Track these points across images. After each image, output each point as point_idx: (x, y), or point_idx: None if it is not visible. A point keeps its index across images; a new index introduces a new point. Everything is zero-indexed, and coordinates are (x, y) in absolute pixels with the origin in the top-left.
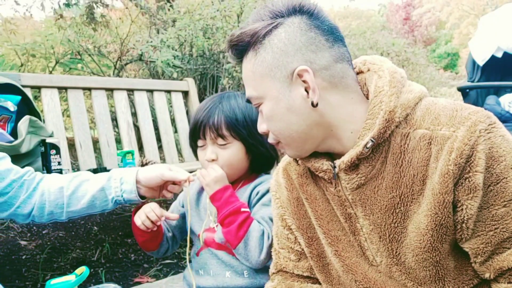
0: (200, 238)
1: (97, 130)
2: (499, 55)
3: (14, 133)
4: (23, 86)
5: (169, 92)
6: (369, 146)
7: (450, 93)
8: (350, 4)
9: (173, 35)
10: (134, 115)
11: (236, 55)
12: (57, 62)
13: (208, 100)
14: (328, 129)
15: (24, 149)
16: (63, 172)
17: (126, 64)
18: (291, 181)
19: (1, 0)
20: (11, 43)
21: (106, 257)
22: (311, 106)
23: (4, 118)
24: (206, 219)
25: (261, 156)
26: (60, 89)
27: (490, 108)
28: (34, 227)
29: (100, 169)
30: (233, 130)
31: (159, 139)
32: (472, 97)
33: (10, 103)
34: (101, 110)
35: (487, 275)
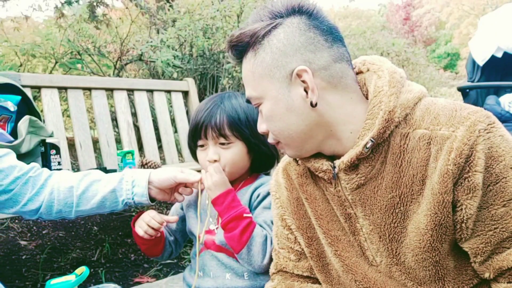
0: (199, 240)
1: (97, 130)
2: (499, 55)
3: (14, 133)
4: (23, 86)
5: (169, 92)
6: (368, 146)
7: (450, 93)
8: (350, 4)
9: (173, 35)
10: (134, 115)
11: (236, 55)
12: (57, 62)
13: (208, 100)
14: (328, 129)
15: (24, 149)
16: None
17: (126, 64)
18: (291, 181)
19: (1, 1)
20: (10, 43)
21: (106, 257)
22: (310, 106)
23: (4, 118)
24: (206, 221)
25: (262, 156)
26: (60, 89)
27: (490, 108)
28: (34, 227)
29: (100, 169)
30: (235, 130)
31: (159, 139)
32: (472, 97)
33: (10, 103)
34: (101, 110)
35: (486, 275)
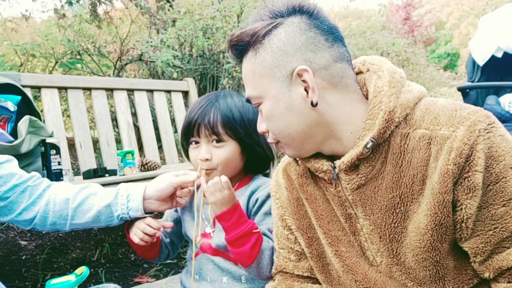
0: (193, 244)
1: (97, 130)
2: (499, 55)
3: (14, 133)
4: (23, 86)
5: (169, 92)
6: (369, 146)
7: (450, 93)
8: (350, 4)
9: (173, 35)
10: (134, 115)
11: (236, 55)
12: (57, 62)
13: (203, 98)
14: (328, 129)
15: (24, 149)
16: (63, 172)
17: (126, 64)
18: (291, 181)
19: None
20: (11, 43)
21: (106, 257)
22: (311, 106)
23: (4, 118)
24: (201, 224)
25: (256, 157)
26: (60, 89)
27: (490, 108)
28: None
29: (100, 169)
30: (229, 129)
31: (159, 139)
32: (472, 97)
33: (10, 103)
34: (101, 110)
35: (486, 275)
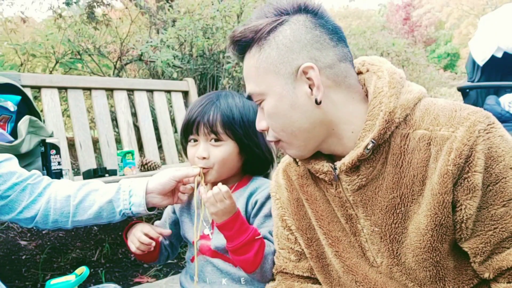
0: (194, 245)
1: (97, 130)
2: (499, 55)
3: (14, 133)
4: (23, 86)
5: (169, 92)
6: (369, 147)
7: (450, 93)
8: (350, 4)
9: (173, 35)
10: (134, 115)
11: (238, 51)
12: (57, 62)
13: (204, 97)
14: (330, 128)
15: (24, 149)
16: (63, 172)
17: (126, 64)
18: (291, 182)
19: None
20: (11, 43)
21: (106, 257)
22: (315, 104)
23: (4, 118)
24: (200, 225)
25: (255, 158)
26: (60, 89)
27: (490, 108)
28: (34, 227)
29: (100, 169)
30: (228, 129)
31: (159, 139)
32: (472, 97)
33: (10, 103)
34: (101, 110)
35: (486, 275)
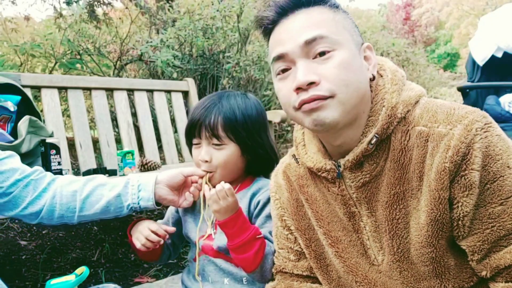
0: (197, 245)
1: (97, 130)
2: (499, 55)
3: (14, 133)
4: (23, 86)
5: (169, 92)
6: (373, 142)
7: (450, 93)
8: (350, 4)
9: (173, 35)
10: (134, 115)
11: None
12: (57, 62)
13: (207, 98)
14: (361, 110)
15: (24, 149)
16: (63, 172)
17: (126, 64)
18: (290, 182)
19: None
20: (11, 43)
21: (106, 257)
22: (369, 79)
23: (4, 118)
24: (203, 225)
25: (259, 159)
26: (60, 89)
27: (490, 108)
28: (34, 227)
29: (100, 169)
30: (230, 131)
31: (159, 139)
32: (472, 97)
33: (10, 103)
34: (101, 110)
35: (484, 273)
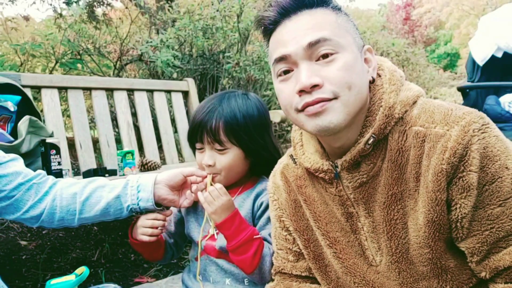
0: (199, 245)
1: (97, 130)
2: (499, 55)
3: (14, 133)
4: (23, 86)
5: (169, 92)
6: (370, 142)
7: (450, 93)
8: (350, 4)
9: (173, 35)
10: (134, 115)
11: (298, 2)
12: (57, 62)
13: (208, 101)
14: (360, 112)
15: (24, 149)
16: (63, 172)
17: (126, 64)
18: (288, 183)
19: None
20: (11, 43)
21: (106, 257)
22: (369, 81)
23: (4, 118)
24: (206, 225)
25: (262, 160)
26: (60, 89)
27: (490, 108)
28: (34, 227)
29: (100, 169)
30: (232, 136)
31: (159, 139)
32: (472, 97)
33: (10, 103)
34: (101, 110)
35: (483, 275)
